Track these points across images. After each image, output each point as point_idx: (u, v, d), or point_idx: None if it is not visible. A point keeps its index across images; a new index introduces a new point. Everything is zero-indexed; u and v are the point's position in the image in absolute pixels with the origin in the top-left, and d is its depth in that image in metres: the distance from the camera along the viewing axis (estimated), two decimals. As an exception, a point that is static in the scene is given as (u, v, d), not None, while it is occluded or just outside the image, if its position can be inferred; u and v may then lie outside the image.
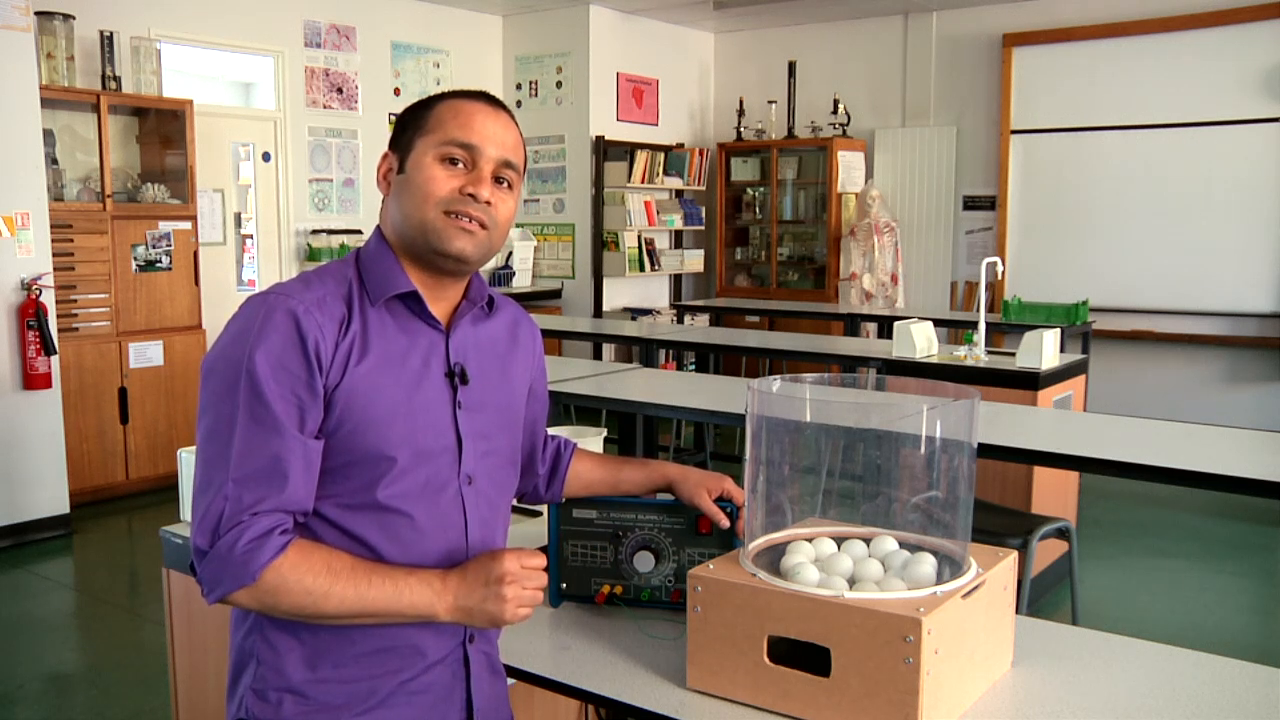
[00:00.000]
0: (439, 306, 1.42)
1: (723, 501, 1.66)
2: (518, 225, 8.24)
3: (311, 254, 6.96)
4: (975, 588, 1.36)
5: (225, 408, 1.27)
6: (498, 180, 1.39)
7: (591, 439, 2.12)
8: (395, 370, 1.35)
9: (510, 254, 7.90)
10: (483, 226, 1.37)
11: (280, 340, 1.28)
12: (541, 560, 1.36)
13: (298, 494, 1.28)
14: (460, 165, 1.37)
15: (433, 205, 1.36)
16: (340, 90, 7.17)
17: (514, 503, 1.72)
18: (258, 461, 1.26)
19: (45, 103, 5.16)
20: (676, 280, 8.85)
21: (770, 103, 8.31)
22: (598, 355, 7.32)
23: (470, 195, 1.36)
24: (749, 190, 8.50)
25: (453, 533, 1.40)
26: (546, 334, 6.10)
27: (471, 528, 1.41)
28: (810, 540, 1.47)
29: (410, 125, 1.40)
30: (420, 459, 1.36)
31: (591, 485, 1.74)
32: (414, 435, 1.36)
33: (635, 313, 8.14)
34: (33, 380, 5.01)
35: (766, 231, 8.44)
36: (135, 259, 5.70)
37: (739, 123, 8.38)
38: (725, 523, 1.63)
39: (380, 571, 1.30)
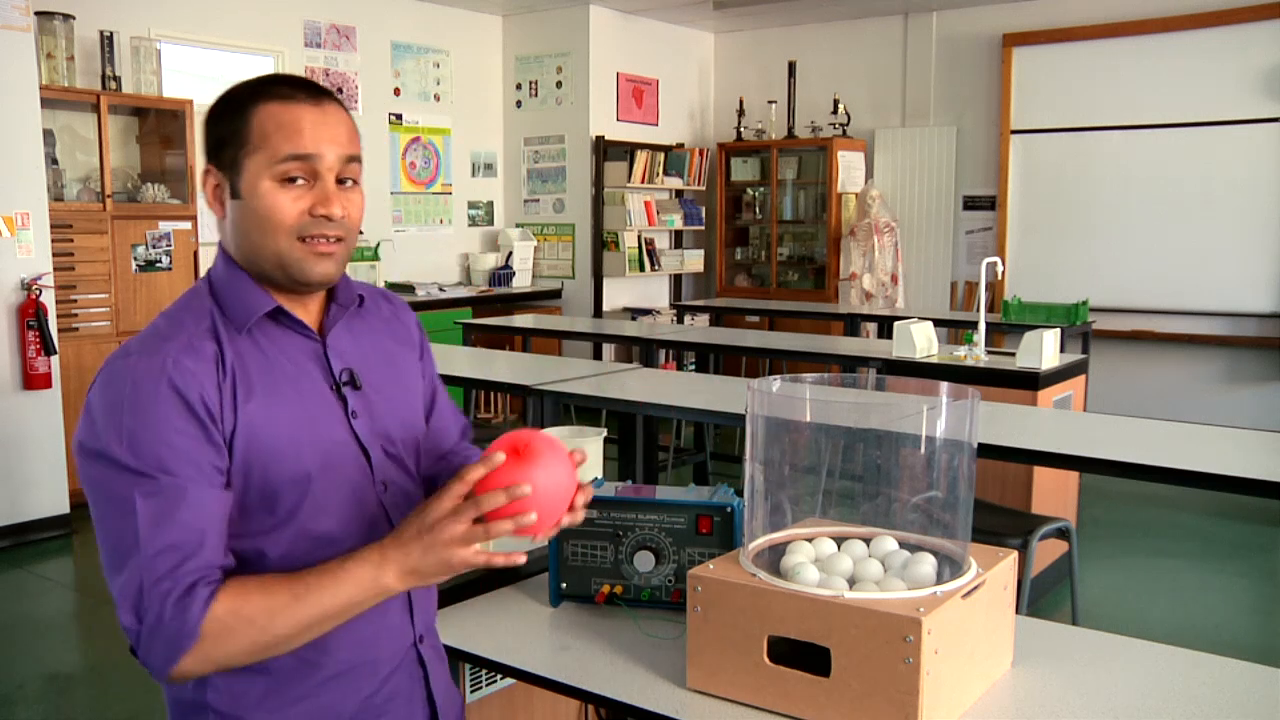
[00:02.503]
0: (307, 314, 1.35)
1: None
2: (517, 225, 8.24)
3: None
4: (975, 588, 1.36)
5: (119, 489, 1.17)
6: (340, 181, 1.29)
7: (591, 439, 2.11)
8: (284, 391, 1.29)
9: (510, 254, 7.90)
10: (339, 239, 1.29)
11: (157, 405, 1.18)
12: (461, 489, 1.19)
13: (217, 552, 1.20)
14: (301, 180, 1.26)
15: (284, 235, 1.26)
16: (340, 90, 7.17)
17: None
18: (168, 535, 1.16)
19: (45, 103, 5.15)
20: (676, 280, 8.85)
21: (770, 103, 8.31)
22: (598, 355, 7.32)
23: (324, 216, 1.26)
24: (749, 190, 8.50)
25: None
26: (546, 334, 6.09)
27: None
28: (810, 540, 1.47)
29: (229, 139, 1.26)
30: (331, 473, 1.31)
31: None
32: (320, 449, 1.30)
33: (635, 313, 8.14)
34: (33, 380, 5.01)
35: (766, 231, 8.44)
36: (135, 259, 5.70)
37: (739, 123, 8.38)
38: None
39: (315, 571, 1.21)
